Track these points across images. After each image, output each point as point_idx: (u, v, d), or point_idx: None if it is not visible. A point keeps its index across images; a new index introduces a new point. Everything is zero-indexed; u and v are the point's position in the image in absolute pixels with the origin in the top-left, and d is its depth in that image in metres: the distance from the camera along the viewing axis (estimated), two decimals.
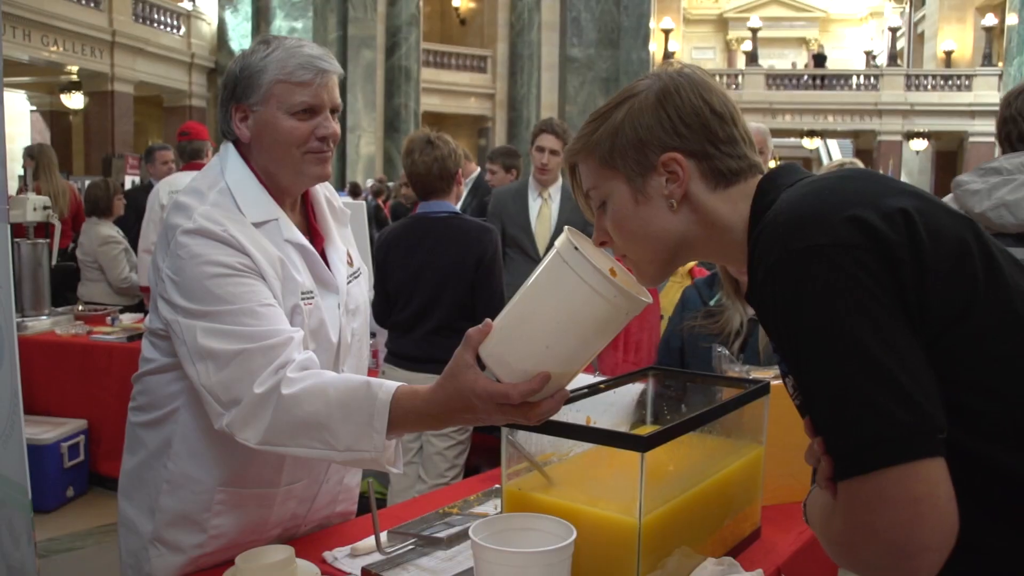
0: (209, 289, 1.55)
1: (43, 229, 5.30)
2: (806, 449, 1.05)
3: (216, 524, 1.71)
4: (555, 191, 4.55)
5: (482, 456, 3.48)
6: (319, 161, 1.70)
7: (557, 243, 1.24)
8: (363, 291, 1.92)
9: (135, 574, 1.76)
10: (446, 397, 1.35)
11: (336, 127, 1.71)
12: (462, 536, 1.78)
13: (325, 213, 1.86)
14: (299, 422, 1.47)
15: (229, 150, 1.73)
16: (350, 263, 1.87)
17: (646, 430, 1.75)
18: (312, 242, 1.77)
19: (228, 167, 1.70)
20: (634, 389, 2.00)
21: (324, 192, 1.90)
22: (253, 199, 1.68)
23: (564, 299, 1.22)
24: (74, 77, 16.93)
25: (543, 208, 4.54)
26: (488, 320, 1.30)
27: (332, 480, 1.88)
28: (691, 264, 3.27)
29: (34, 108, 20.34)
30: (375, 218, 9.67)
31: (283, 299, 1.63)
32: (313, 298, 1.71)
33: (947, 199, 3.35)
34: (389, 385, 1.45)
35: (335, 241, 1.85)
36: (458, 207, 3.50)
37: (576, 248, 1.20)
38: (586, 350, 1.28)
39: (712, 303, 2.49)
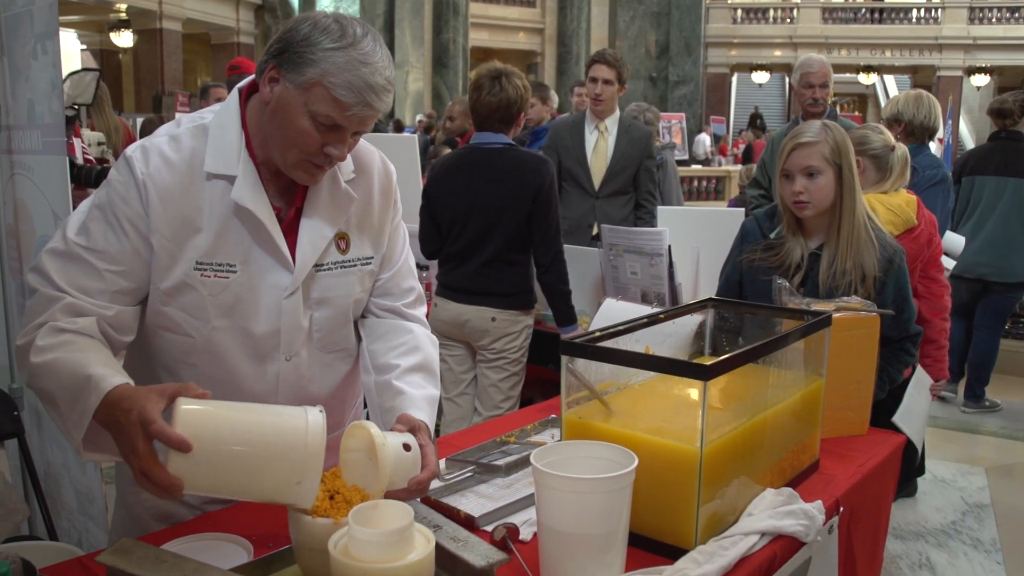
0: (87, 210, 1.55)
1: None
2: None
3: None
4: (611, 123, 4.46)
5: (536, 388, 3.49)
6: (311, 172, 1.56)
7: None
8: (353, 284, 1.71)
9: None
10: (119, 398, 1.30)
11: (345, 152, 1.57)
12: (520, 464, 1.79)
13: (321, 189, 1.65)
14: (40, 391, 1.44)
15: (233, 94, 1.63)
16: (343, 250, 1.69)
17: (706, 360, 1.73)
18: (289, 210, 1.64)
19: (221, 110, 1.62)
20: (692, 320, 1.98)
21: (379, 168, 1.76)
22: (222, 149, 1.57)
23: (279, 451, 1.25)
24: (123, 15, 17.00)
25: (599, 141, 4.45)
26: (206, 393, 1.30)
27: None
28: None
29: (84, 47, 20.51)
30: (425, 153, 9.64)
31: (176, 263, 1.55)
32: (234, 272, 1.58)
33: None
34: (110, 381, 1.34)
35: (317, 221, 1.64)
36: None
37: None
38: (239, 483, 1.26)
39: (773, 236, 2.44)
